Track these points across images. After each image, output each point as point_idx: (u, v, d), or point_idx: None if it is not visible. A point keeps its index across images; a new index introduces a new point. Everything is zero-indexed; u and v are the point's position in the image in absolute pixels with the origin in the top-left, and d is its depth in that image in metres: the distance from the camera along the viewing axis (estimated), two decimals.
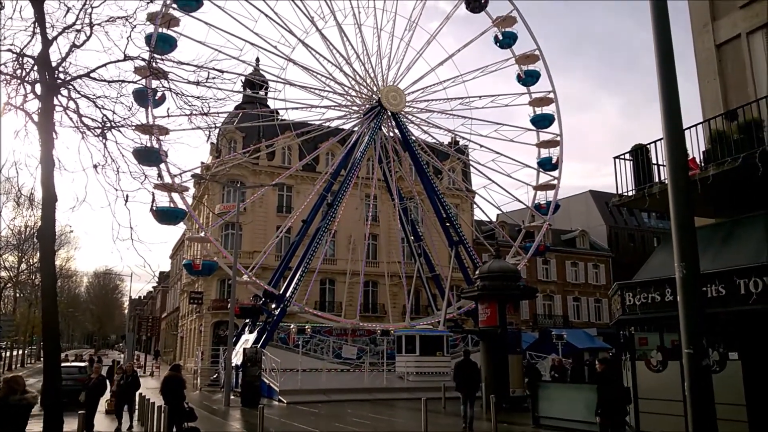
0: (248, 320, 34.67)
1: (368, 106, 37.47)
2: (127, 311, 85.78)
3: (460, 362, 17.37)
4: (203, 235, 34.25)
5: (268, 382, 26.49)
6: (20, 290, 52.32)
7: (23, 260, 47.36)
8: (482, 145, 40.30)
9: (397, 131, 38.28)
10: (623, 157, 12.84)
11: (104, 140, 10.68)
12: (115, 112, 10.83)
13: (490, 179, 39.84)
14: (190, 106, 11.27)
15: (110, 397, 19.48)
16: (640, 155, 12.57)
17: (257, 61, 36.98)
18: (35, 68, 10.27)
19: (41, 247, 10.59)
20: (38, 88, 10.24)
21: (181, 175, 29.22)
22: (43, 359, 10.86)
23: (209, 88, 11.41)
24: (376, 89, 37.44)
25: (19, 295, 53.16)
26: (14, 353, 52.82)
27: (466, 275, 36.56)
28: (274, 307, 33.04)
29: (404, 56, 38.87)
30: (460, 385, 16.81)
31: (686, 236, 6.54)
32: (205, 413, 20.31)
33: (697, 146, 11.38)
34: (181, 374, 13.95)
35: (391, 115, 37.43)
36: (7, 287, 49.28)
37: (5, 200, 35.35)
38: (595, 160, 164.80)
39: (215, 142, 39.53)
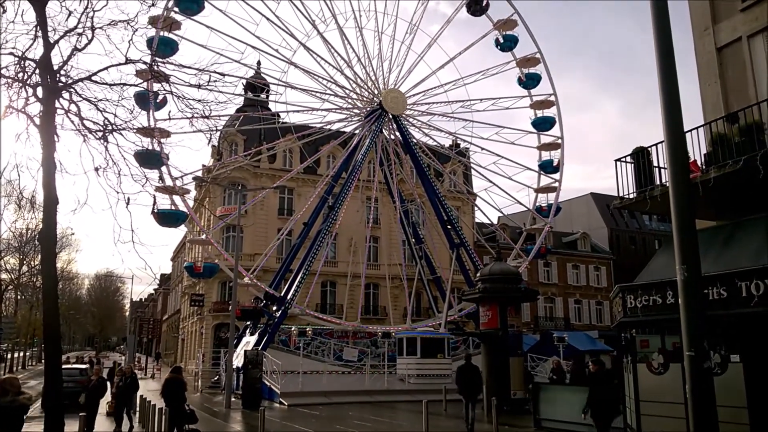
0: (249, 322, 34.66)
1: (369, 108, 37.51)
2: (128, 313, 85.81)
3: (461, 366, 17.40)
4: (204, 237, 34.26)
5: (269, 384, 26.48)
6: (21, 292, 52.37)
7: (24, 262, 47.40)
8: (483, 147, 40.47)
9: (398, 134, 38.32)
10: (624, 159, 12.84)
11: (105, 143, 10.72)
12: (116, 115, 10.88)
13: (491, 182, 39.91)
14: (191, 109, 11.31)
15: (111, 399, 19.50)
16: (641, 158, 12.56)
17: (258, 64, 37.06)
18: (37, 71, 10.30)
19: (42, 249, 10.61)
20: (40, 91, 10.27)
21: (182, 177, 29.31)
22: (44, 361, 10.86)
23: (210, 91, 11.46)
24: (377, 92, 37.48)
25: (20, 297, 53.22)
26: (15, 355, 52.83)
27: (467, 278, 36.55)
28: (275, 309, 33.02)
29: (405, 59, 39.01)
30: (462, 388, 16.84)
31: (687, 239, 6.54)
32: (206, 415, 20.30)
33: (698, 149, 11.39)
34: (182, 376, 13.95)
35: (392, 117, 37.47)
36: (8, 289, 49.30)
37: (7, 203, 35.44)
38: (595, 161, 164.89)
39: (216, 144, 39.72)
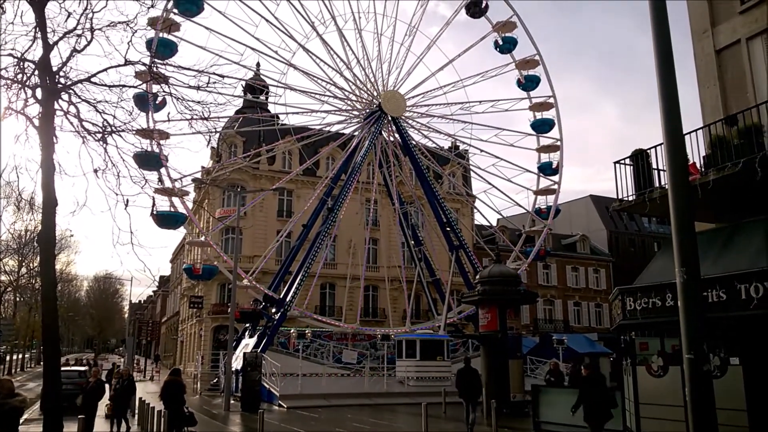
0: (248, 325, 34.63)
1: (368, 110, 37.54)
2: (127, 315, 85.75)
3: (461, 369, 17.42)
4: (203, 239, 34.25)
5: (268, 386, 26.44)
6: (20, 294, 52.32)
7: (23, 264, 47.39)
8: (482, 149, 40.46)
9: (397, 136, 38.34)
10: (623, 161, 12.85)
11: (105, 145, 10.73)
12: (115, 116, 10.89)
13: (490, 184, 39.97)
14: (190, 110, 11.31)
15: (108, 401, 19.44)
16: (640, 160, 12.57)
17: (258, 65, 37.08)
18: (36, 73, 10.31)
19: (41, 251, 10.61)
20: (39, 92, 10.28)
21: (181, 179, 29.35)
22: (43, 363, 10.84)
23: (210, 92, 11.50)
24: (376, 94, 37.51)
25: (19, 299, 53.17)
26: (14, 357, 52.74)
27: (466, 280, 36.55)
28: (274, 311, 32.99)
29: (404, 61, 39.04)
30: (461, 391, 16.86)
31: (687, 241, 6.53)
32: (205, 418, 20.28)
33: (697, 151, 11.40)
34: (181, 379, 13.93)
35: (391, 119, 37.49)
36: (7, 291, 49.28)
37: (6, 204, 35.44)
38: (595, 163, 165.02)
39: (216, 146, 39.53)
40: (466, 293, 27.37)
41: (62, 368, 14.41)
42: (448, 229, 37.75)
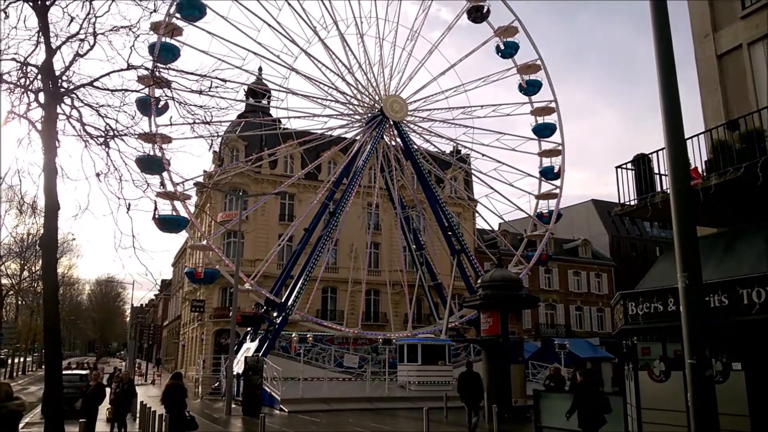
0: (250, 329, 34.61)
1: (370, 115, 37.58)
2: (128, 319, 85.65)
3: (463, 373, 17.40)
4: (205, 243, 34.26)
5: (269, 390, 26.41)
6: (22, 298, 52.32)
7: (25, 268, 47.39)
8: (484, 154, 40.46)
9: (399, 140, 38.38)
10: (625, 166, 12.84)
11: (107, 149, 10.76)
12: (118, 120, 10.92)
13: (492, 188, 39.98)
14: (192, 114, 11.35)
15: (109, 405, 19.41)
16: (642, 165, 12.56)
17: (260, 70, 37.14)
18: (39, 77, 10.34)
19: (43, 254, 10.63)
20: (42, 96, 10.32)
21: (183, 183, 29.34)
22: (44, 367, 10.85)
23: (212, 96, 11.51)
24: (378, 98, 37.56)
25: (21, 302, 53.18)
26: (16, 361, 52.75)
27: (468, 284, 36.50)
28: (275, 315, 32.98)
29: (406, 66, 39.09)
30: (463, 395, 16.83)
31: (688, 246, 6.53)
32: (206, 422, 20.25)
33: (698, 156, 11.38)
34: (182, 382, 13.93)
35: (393, 124, 37.53)
36: (9, 295, 49.26)
37: (8, 208, 35.47)
38: (596, 168, 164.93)
39: (218, 150, 39.77)
40: (467, 297, 27.35)
41: (64, 372, 14.42)
42: (449, 233, 37.75)
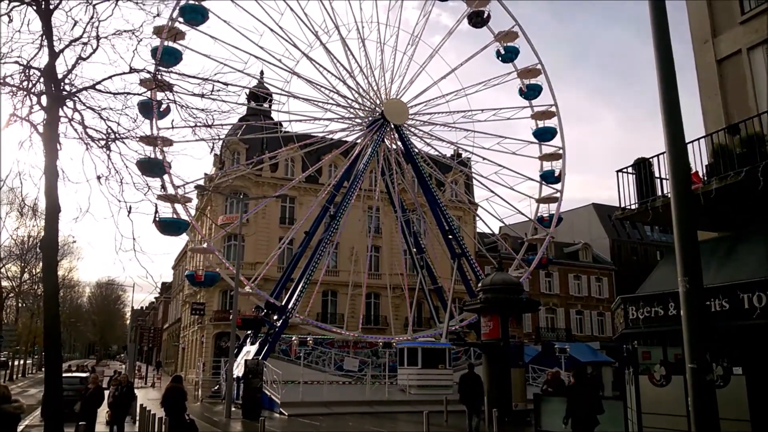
0: (250, 332, 34.56)
1: (371, 118, 37.63)
2: (128, 322, 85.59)
3: (464, 375, 17.36)
4: (206, 246, 34.26)
5: (269, 394, 26.37)
6: (23, 300, 52.33)
7: (26, 270, 47.41)
8: (485, 157, 40.50)
9: (399, 143, 38.42)
10: (626, 170, 12.85)
11: (108, 151, 10.77)
12: (119, 123, 10.94)
13: (492, 192, 39.93)
14: (194, 118, 11.37)
15: (107, 408, 19.36)
16: (642, 169, 12.57)
17: (261, 74, 37.23)
18: (41, 80, 10.37)
19: (44, 257, 10.63)
20: (44, 99, 10.34)
21: (184, 186, 29.36)
22: (44, 369, 10.85)
23: (213, 100, 11.53)
24: (379, 102, 37.61)
25: (21, 305, 53.17)
26: (16, 363, 52.72)
27: (468, 288, 36.47)
28: (276, 318, 32.96)
29: (407, 70, 39.13)
30: (464, 398, 16.79)
31: (689, 250, 6.53)
32: (206, 425, 20.22)
33: (699, 160, 11.41)
34: (182, 386, 13.93)
35: (394, 127, 37.57)
36: (9, 297, 49.26)
37: (9, 210, 35.54)
38: (596, 171, 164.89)
39: (219, 153, 39.81)
40: (468, 301, 27.31)
41: (64, 375, 14.41)
42: (450, 236, 37.74)
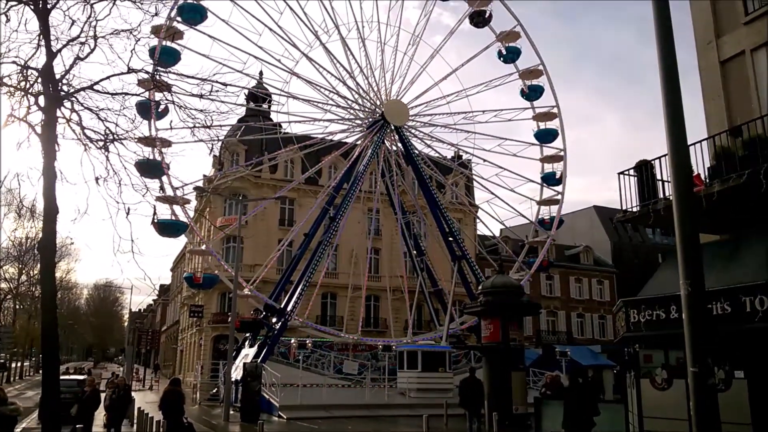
0: (249, 334, 34.46)
1: (371, 119, 37.58)
2: (126, 324, 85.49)
3: (465, 379, 17.30)
4: (204, 248, 34.20)
5: (268, 397, 26.26)
6: (20, 302, 52.26)
7: (23, 272, 47.38)
8: (485, 159, 40.50)
9: (400, 145, 38.36)
10: (627, 172, 12.79)
11: (106, 152, 10.71)
12: (117, 124, 10.87)
13: (493, 194, 39.90)
14: (193, 118, 11.29)
15: (104, 411, 19.28)
16: (644, 171, 12.51)
17: (261, 74, 37.18)
18: (39, 80, 10.31)
19: (42, 258, 10.57)
20: (41, 100, 10.28)
21: (182, 187, 29.40)
22: (42, 372, 10.78)
23: (212, 100, 11.45)
24: (379, 103, 37.56)
25: (18, 306, 53.09)
26: (13, 365, 52.60)
27: (468, 290, 36.39)
28: (274, 321, 32.86)
29: (408, 70, 39.08)
30: (464, 401, 16.73)
31: (691, 253, 6.47)
32: (204, 428, 20.15)
33: (701, 162, 11.34)
34: (180, 388, 13.87)
35: (394, 128, 37.52)
36: (7, 299, 49.22)
37: (7, 211, 35.51)
38: (598, 173, 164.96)
39: (218, 154, 39.74)
40: (468, 304, 27.25)
41: (61, 377, 14.32)
42: (450, 239, 37.67)
